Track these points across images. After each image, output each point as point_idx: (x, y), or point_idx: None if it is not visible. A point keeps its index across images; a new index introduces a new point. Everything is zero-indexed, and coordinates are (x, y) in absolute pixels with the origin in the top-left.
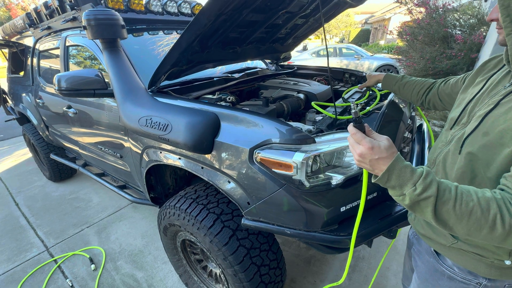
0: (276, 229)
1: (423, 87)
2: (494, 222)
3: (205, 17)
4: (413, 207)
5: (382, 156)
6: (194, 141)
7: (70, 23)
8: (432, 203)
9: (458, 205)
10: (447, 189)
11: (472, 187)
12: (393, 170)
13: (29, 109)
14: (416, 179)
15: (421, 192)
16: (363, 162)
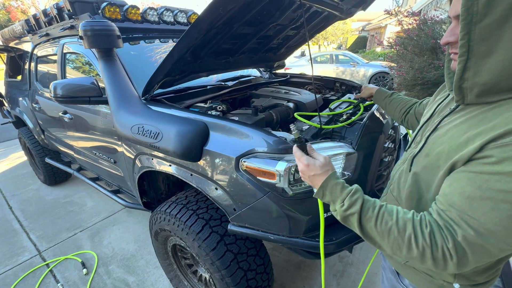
0: (260, 235)
1: (404, 106)
2: (410, 243)
3: (196, 30)
4: (345, 222)
5: (317, 173)
6: (183, 149)
7: (68, 31)
8: (357, 220)
9: (379, 223)
10: (371, 207)
11: (399, 208)
12: (326, 187)
13: (26, 113)
14: (345, 196)
15: (347, 208)
16: (304, 177)
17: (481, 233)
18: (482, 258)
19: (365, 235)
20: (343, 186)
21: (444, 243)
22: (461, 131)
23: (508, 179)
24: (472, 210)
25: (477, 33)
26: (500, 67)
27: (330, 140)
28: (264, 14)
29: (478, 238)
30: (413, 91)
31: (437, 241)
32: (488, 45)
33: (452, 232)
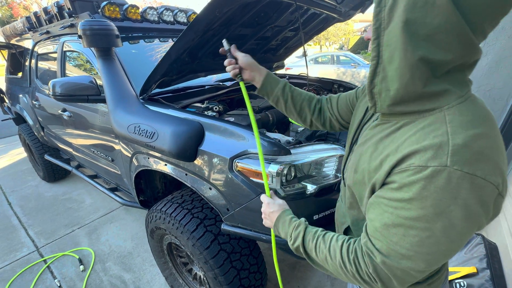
0: (253, 235)
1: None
2: (342, 269)
3: (193, 32)
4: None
5: (274, 209)
6: (178, 149)
7: (68, 29)
8: (303, 251)
9: (318, 252)
10: (310, 239)
11: (335, 235)
12: (279, 223)
13: (26, 109)
14: (290, 230)
15: (293, 242)
16: (265, 217)
17: (396, 258)
18: (406, 280)
19: (314, 264)
20: (290, 220)
21: (367, 268)
22: (378, 152)
23: (409, 206)
24: (389, 236)
25: (384, 39)
26: (398, 75)
27: (324, 143)
28: (262, 16)
29: (395, 263)
30: None
31: (361, 266)
32: (390, 52)
33: (372, 258)
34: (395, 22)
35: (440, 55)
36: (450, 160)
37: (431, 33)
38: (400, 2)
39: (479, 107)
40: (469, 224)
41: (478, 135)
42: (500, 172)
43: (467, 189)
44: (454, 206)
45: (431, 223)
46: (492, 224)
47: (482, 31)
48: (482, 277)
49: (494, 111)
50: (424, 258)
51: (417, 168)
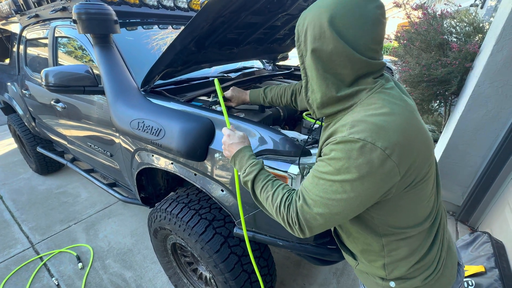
0: (268, 240)
1: (285, 92)
2: (277, 209)
3: (203, 19)
4: (245, 186)
5: (234, 141)
6: (188, 148)
7: (60, 13)
8: (250, 186)
9: (263, 191)
10: (262, 178)
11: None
12: (237, 156)
13: (15, 99)
14: (247, 166)
15: (245, 176)
16: (225, 148)
17: (309, 203)
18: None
19: (255, 198)
20: (249, 157)
21: (293, 213)
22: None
23: (323, 164)
24: (308, 186)
25: (306, 63)
26: (318, 86)
27: None
28: (275, 3)
29: (306, 207)
30: (417, 88)
31: (290, 211)
32: (311, 72)
33: (297, 203)
34: (308, 51)
35: (340, 70)
36: (348, 131)
37: (328, 55)
38: (308, 37)
39: (384, 95)
40: (362, 182)
41: (374, 114)
42: (390, 140)
43: (358, 152)
44: (348, 164)
45: (333, 176)
46: (497, 222)
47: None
48: (490, 276)
49: (504, 107)
50: (326, 203)
51: (330, 140)
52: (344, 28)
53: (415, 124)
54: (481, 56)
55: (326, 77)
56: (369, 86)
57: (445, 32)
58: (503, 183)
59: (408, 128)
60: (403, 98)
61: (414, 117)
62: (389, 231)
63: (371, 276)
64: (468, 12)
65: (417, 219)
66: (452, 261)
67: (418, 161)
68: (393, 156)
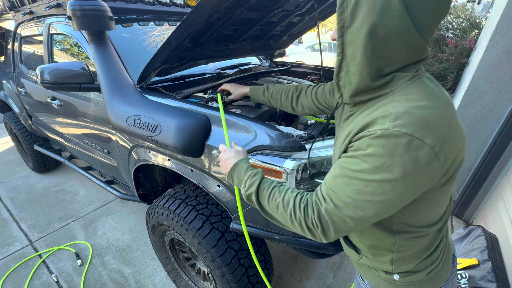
0: (264, 234)
1: (289, 92)
2: (291, 215)
3: (198, 15)
4: (248, 201)
5: (230, 156)
6: (184, 144)
7: (54, 10)
8: (255, 198)
9: (271, 200)
10: (266, 187)
11: (290, 188)
12: (234, 171)
13: (11, 97)
14: (246, 178)
15: (247, 189)
16: (222, 165)
17: (338, 205)
18: (341, 228)
19: (263, 211)
20: (247, 169)
21: (313, 214)
22: (343, 134)
23: (356, 161)
24: (335, 185)
25: (347, 37)
26: (359, 70)
27: None
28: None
29: (335, 209)
30: None
31: (308, 213)
32: (353, 49)
33: (319, 205)
34: (358, 22)
35: (393, 55)
36: (392, 124)
37: (387, 34)
38: (361, 5)
39: (425, 85)
40: (405, 182)
41: (420, 106)
42: (438, 137)
43: (404, 148)
44: (390, 162)
45: (370, 175)
46: (491, 216)
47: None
48: (483, 268)
49: (499, 103)
50: (360, 206)
51: (369, 132)
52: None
53: (456, 120)
54: (476, 51)
55: (371, 61)
56: (411, 73)
57: (442, 28)
58: (497, 178)
59: (452, 125)
60: (443, 91)
61: (454, 112)
62: (404, 229)
63: (374, 269)
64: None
65: (435, 218)
66: (449, 253)
67: (457, 160)
68: (440, 154)
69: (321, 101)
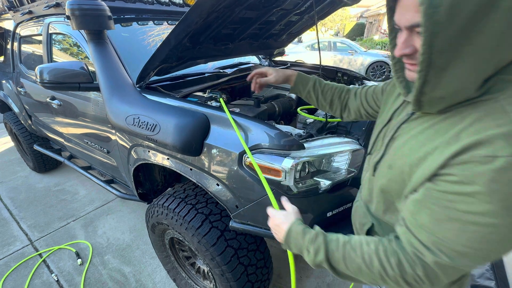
0: (263, 232)
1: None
2: (381, 276)
3: (197, 14)
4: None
5: (280, 222)
6: (183, 143)
7: (53, 9)
8: (328, 265)
9: (348, 263)
10: (335, 249)
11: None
12: (289, 238)
13: (10, 97)
14: (307, 243)
15: (314, 257)
16: (275, 233)
17: (452, 256)
18: (455, 275)
19: (340, 276)
20: (304, 232)
21: (413, 270)
22: (419, 143)
23: (471, 200)
24: (442, 232)
25: (438, 45)
26: (457, 81)
27: (337, 136)
28: None
29: (449, 261)
30: None
31: (406, 270)
32: (446, 58)
33: (421, 258)
34: (457, 25)
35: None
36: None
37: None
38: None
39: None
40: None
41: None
42: None
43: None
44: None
45: (499, 218)
46: None
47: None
48: (482, 266)
49: None
50: (483, 255)
51: (484, 158)
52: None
53: None
54: None
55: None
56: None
57: None
58: None
59: None
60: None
61: None
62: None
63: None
64: None
65: None
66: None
67: None
68: None
69: (372, 103)
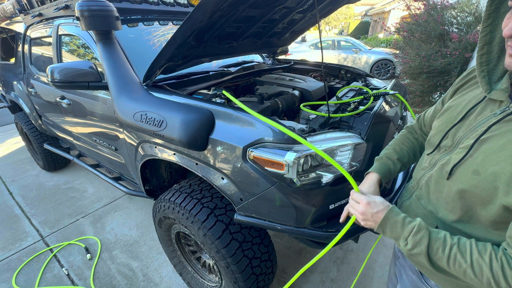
0: (267, 225)
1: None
2: (490, 285)
3: (201, 13)
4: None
5: (379, 209)
6: (189, 138)
7: (63, 11)
8: (426, 259)
9: (452, 264)
10: (440, 247)
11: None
12: (386, 224)
13: (21, 97)
14: (407, 234)
15: (411, 248)
16: (367, 219)
17: None
18: None
19: (436, 270)
20: (404, 222)
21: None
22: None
23: None
24: None
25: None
26: None
27: (339, 130)
28: None
29: None
30: (417, 79)
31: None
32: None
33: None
34: None
35: None
36: None
37: None
38: None
39: None
40: None
41: None
42: None
43: None
44: None
45: None
46: None
47: None
48: None
49: None
50: None
51: None
52: None
53: None
54: None
55: None
56: None
57: (446, 23)
58: None
59: None
60: None
61: None
62: None
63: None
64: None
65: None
66: None
67: None
68: None
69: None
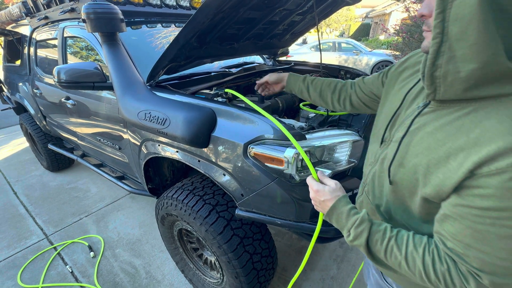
0: (268, 220)
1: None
2: (422, 278)
3: (203, 15)
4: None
5: (326, 198)
6: (191, 135)
7: (68, 14)
8: (366, 250)
9: (389, 256)
10: (379, 240)
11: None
12: (332, 214)
13: (26, 98)
14: (350, 226)
15: (352, 240)
16: (317, 206)
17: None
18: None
19: (377, 263)
20: (349, 214)
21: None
22: (438, 142)
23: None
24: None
25: (452, 12)
26: (474, 52)
27: (337, 128)
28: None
29: (506, 279)
30: None
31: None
32: (461, 27)
33: (478, 279)
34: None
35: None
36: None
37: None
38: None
39: None
40: None
41: None
42: None
43: None
44: None
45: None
46: None
47: None
48: None
49: None
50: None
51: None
52: None
53: None
54: None
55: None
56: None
57: None
58: None
59: None
60: None
61: None
62: None
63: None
64: None
65: None
66: None
67: None
68: None
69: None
